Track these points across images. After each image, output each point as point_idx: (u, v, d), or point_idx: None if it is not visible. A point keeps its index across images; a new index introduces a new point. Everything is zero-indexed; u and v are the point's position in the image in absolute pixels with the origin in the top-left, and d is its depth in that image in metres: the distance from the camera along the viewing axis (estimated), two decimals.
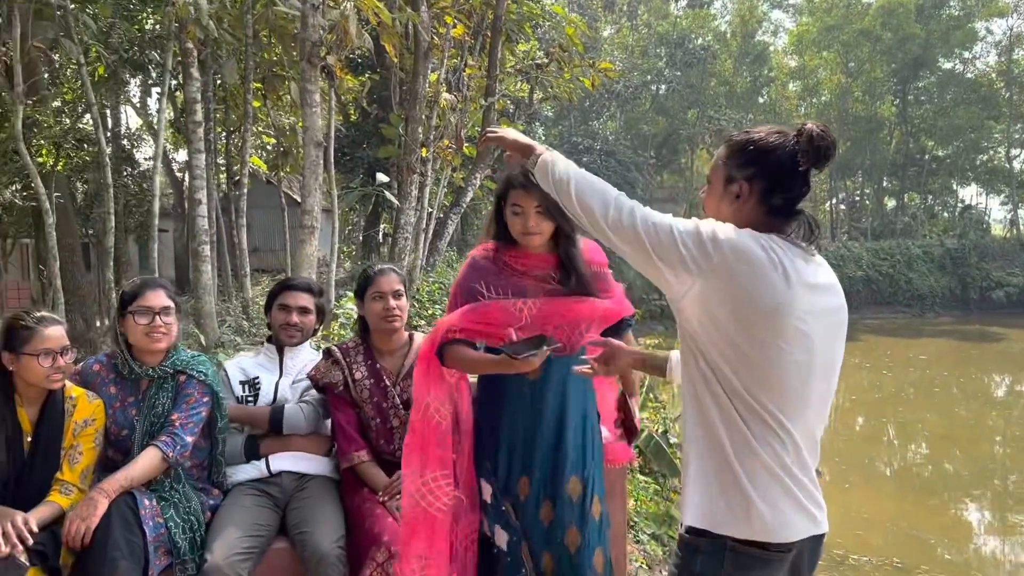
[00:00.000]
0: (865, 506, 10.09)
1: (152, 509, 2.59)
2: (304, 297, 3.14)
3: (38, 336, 2.54)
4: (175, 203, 18.33)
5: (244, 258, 10.98)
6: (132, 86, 15.27)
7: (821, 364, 1.80)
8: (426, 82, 9.81)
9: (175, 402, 2.76)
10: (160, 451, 2.65)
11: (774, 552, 1.77)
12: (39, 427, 2.62)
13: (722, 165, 1.90)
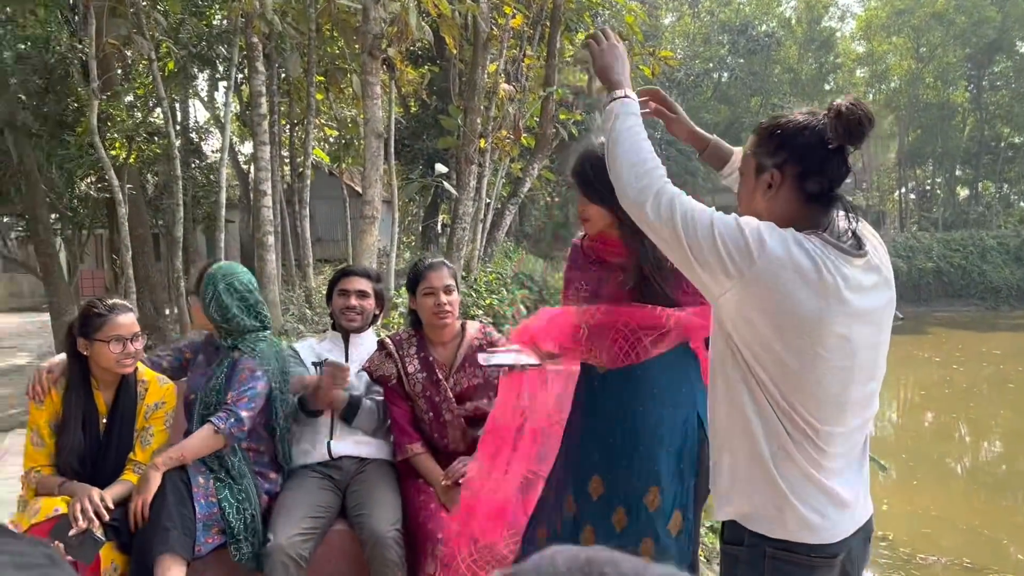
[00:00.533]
0: (934, 504, 9.81)
1: (206, 488, 2.68)
2: (362, 282, 3.20)
3: (110, 323, 2.65)
4: (241, 194, 18.76)
5: (307, 248, 11.20)
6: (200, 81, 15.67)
7: (861, 367, 1.69)
8: (485, 73, 9.84)
9: (230, 378, 2.85)
10: (212, 425, 2.73)
11: (816, 558, 1.67)
12: (113, 410, 2.73)
13: (751, 155, 1.77)
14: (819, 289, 1.60)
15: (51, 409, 2.72)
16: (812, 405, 1.65)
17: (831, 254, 1.63)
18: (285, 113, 13.86)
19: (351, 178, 18.19)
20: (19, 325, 19.38)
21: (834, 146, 1.66)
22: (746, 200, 1.81)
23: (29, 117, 11.18)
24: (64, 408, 2.70)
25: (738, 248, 1.62)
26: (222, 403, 2.81)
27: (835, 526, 1.69)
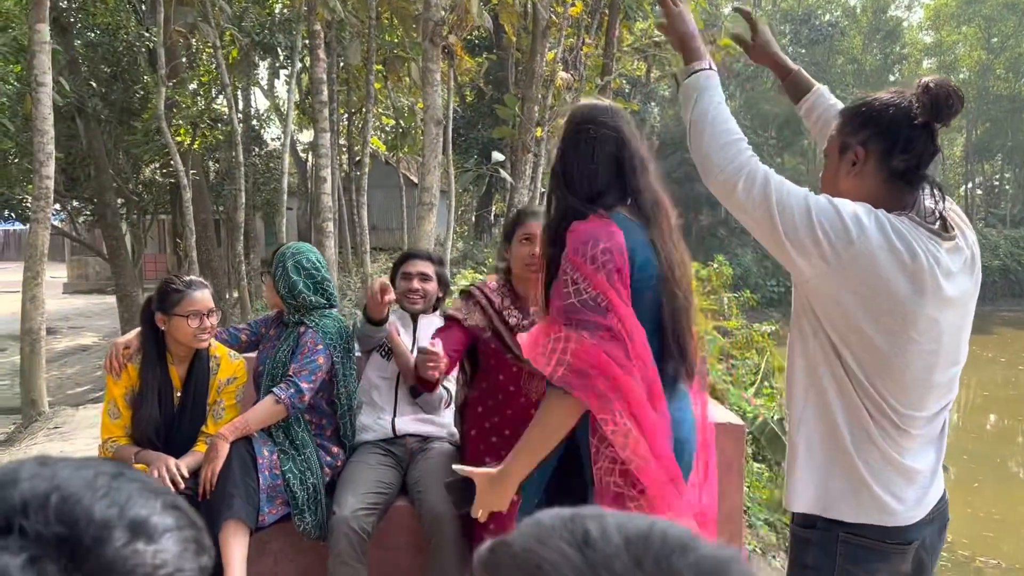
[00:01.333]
0: (996, 507, 9.54)
1: (270, 460, 2.75)
2: (425, 264, 3.22)
3: (187, 299, 2.73)
4: (299, 183, 19.08)
5: (364, 235, 11.33)
6: (261, 69, 15.96)
7: (947, 351, 1.67)
8: (543, 61, 9.81)
9: (293, 351, 2.93)
10: (274, 395, 2.79)
11: (891, 544, 1.65)
12: (187, 384, 2.82)
13: (836, 135, 1.74)
14: (914, 272, 1.57)
15: (127, 382, 2.81)
16: (898, 388, 1.62)
17: (923, 236, 1.60)
18: (343, 102, 14.03)
19: (407, 167, 18.35)
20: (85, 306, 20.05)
21: (921, 123, 1.62)
22: (830, 181, 1.76)
23: (98, 104, 11.53)
24: (141, 381, 2.79)
25: (835, 230, 1.57)
26: (285, 375, 2.87)
27: (909, 509, 1.66)
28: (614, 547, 0.51)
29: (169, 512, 0.54)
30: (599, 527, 0.53)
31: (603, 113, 2.03)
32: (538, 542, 0.52)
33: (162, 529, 0.53)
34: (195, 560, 0.54)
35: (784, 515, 6.04)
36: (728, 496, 2.90)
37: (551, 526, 0.54)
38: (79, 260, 25.62)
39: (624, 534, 0.52)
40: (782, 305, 28.82)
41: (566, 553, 0.51)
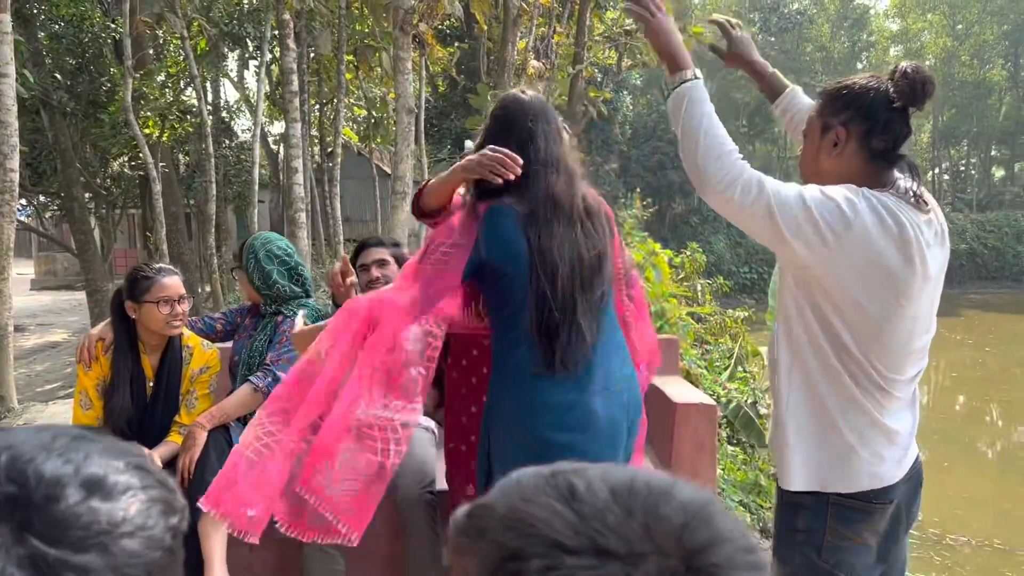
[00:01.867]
0: (965, 486, 9.73)
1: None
2: (378, 251, 3.19)
3: (157, 285, 2.71)
4: (270, 175, 18.92)
5: (338, 226, 11.29)
6: (230, 60, 15.79)
7: (922, 319, 1.80)
8: (514, 49, 9.80)
9: (270, 341, 2.95)
10: (251, 384, 2.81)
11: (876, 503, 1.77)
12: (160, 373, 2.80)
13: (817, 116, 1.82)
14: (903, 244, 1.68)
15: (99, 373, 2.79)
16: (884, 353, 1.75)
17: (907, 210, 1.72)
18: (314, 92, 13.92)
19: (380, 158, 18.27)
20: (54, 302, 19.76)
21: (898, 106, 1.73)
22: (810, 161, 1.85)
23: (64, 96, 11.34)
24: (112, 371, 2.77)
25: (833, 216, 1.67)
26: (262, 363, 2.89)
27: (891, 469, 1.79)
28: (603, 500, 0.52)
29: (133, 472, 0.53)
30: (584, 481, 0.53)
31: (518, 106, 2.12)
32: (523, 500, 0.52)
33: (122, 487, 0.52)
34: (162, 519, 0.53)
35: (759, 496, 6.13)
36: (701, 475, 2.95)
37: (534, 484, 0.54)
38: (47, 256, 25.23)
39: (609, 486, 0.53)
40: (755, 291, 29.10)
41: (556, 509, 0.51)
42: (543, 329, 2.01)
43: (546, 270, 2.01)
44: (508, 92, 2.25)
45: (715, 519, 0.52)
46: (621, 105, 26.51)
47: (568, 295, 2.02)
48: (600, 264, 2.10)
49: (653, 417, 3.54)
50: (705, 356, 9.80)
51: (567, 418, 2.02)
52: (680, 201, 33.60)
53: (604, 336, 2.09)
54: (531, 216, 2.03)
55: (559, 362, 2.00)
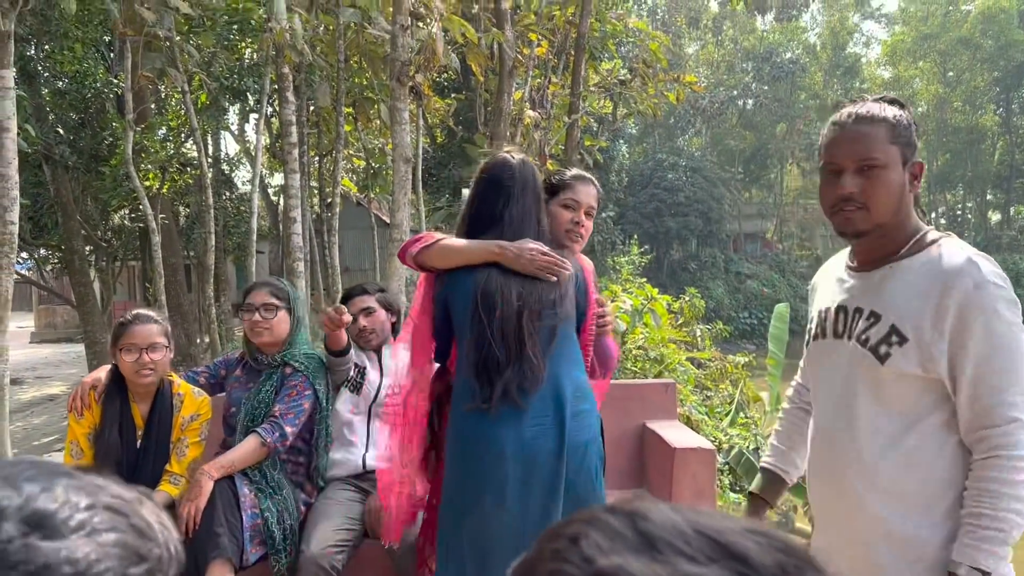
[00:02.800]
0: None
1: (249, 498, 2.71)
2: (362, 300, 3.20)
3: (127, 333, 2.71)
4: (270, 226, 19.04)
5: (336, 276, 11.30)
6: (231, 113, 16.00)
7: None
8: (510, 100, 9.94)
9: (279, 392, 2.91)
10: (259, 437, 2.77)
11: None
12: (150, 422, 2.78)
13: (890, 143, 1.60)
14: None
15: (90, 421, 2.76)
16: None
17: None
18: (314, 144, 14.06)
19: (379, 208, 18.39)
20: (52, 355, 19.71)
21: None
22: (892, 199, 1.61)
23: (66, 150, 11.47)
24: (102, 418, 2.75)
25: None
26: (269, 415, 2.85)
27: None
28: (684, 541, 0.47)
29: (100, 512, 0.50)
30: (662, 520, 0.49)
31: (505, 170, 2.30)
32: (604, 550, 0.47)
33: (74, 526, 0.48)
34: (121, 565, 0.49)
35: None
36: None
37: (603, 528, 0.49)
38: (47, 309, 25.25)
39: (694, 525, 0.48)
40: (755, 336, 29.05)
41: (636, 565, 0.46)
42: (482, 365, 2.12)
43: (486, 307, 2.14)
44: (497, 155, 2.39)
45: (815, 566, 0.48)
46: (617, 153, 26.80)
47: (514, 330, 2.12)
48: (553, 305, 2.18)
49: (652, 462, 3.51)
50: (706, 402, 9.75)
51: (488, 452, 2.10)
52: (678, 247, 33.76)
53: (554, 371, 2.17)
54: (490, 263, 2.19)
55: (497, 397, 2.10)
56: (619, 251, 26.05)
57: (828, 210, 1.66)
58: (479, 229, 2.27)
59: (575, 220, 2.52)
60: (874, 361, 1.60)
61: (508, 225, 2.24)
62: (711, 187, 32.15)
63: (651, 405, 3.72)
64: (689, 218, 31.34)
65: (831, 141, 1.65)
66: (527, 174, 2.31)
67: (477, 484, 2.10)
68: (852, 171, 1.60)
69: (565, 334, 2.23)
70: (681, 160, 32.91)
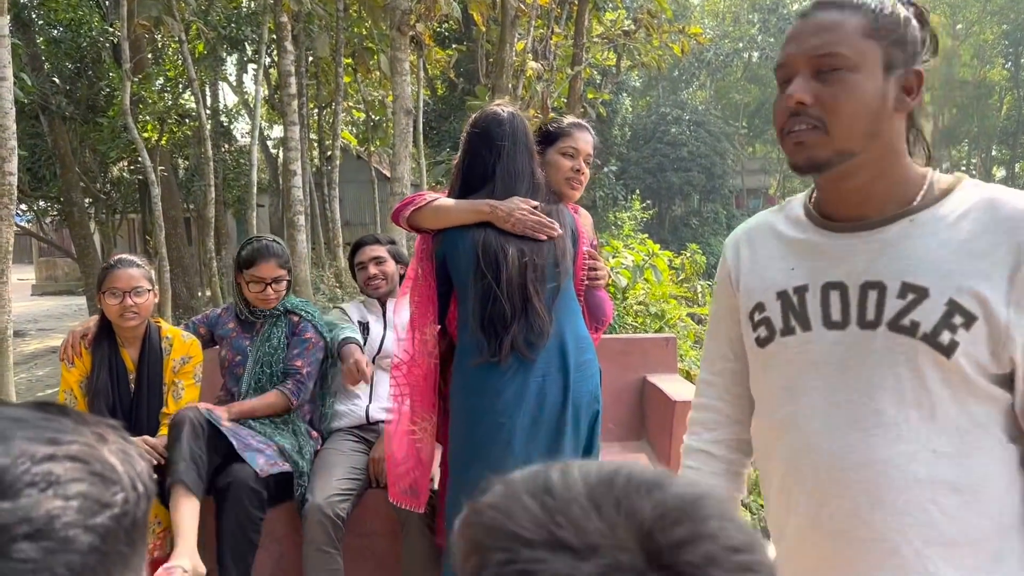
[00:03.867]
0: None
1: (260, 429, 2.80)
2: (375, 249, 3.21)
3: (110, 276, 2.72)
4: (270, 179, 18.93)
5: (337, 229, 11.28)
6: (229, 64, 15.79)
7: None
8: (513, 51, 9.79)
9: (291, 341, 2.97)
10: (285, 396, 2.89)
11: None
12: (140, 365, 2.80)
13: (870, 37, 1.13)
14: None
15: (81, 369, 2.79)
16: None
17: None
18: (313, 96, 13.91)
19: (379, 161, 18.26)
20: (54, 307, 19.75)
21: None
22: (859, 112, 1.13)
23: (62, 101, 11.33)
24: (92, 364, 2.78)
25: None
26: (286, 366, 2.93)
27: None
28: (575, 493, 0.50)
29: (58, 463, 0.49)
30: (562, 475, 0.52)
31: (494, 123, 2.28)
32: (504, 497, 0.52)
33: (29, 481, 0.47)
34: (81, 517, 0.48)
35: (759, 496, 6.10)
36: None
37: (518, 479, 0.53)
38: (47, 261, 25.23)
39: (587, 479, 0.51)
40: None
41: (526, 504, 0.50)
42: (487, 320, 2.16)
43: (489, 264, 2.17)
44: (487, 108, 2.37)
45: (700, 515, 0.49)
46: (620, 107, 26.50)
47: (519, 286, 2.16)
48: (556, 258, 2.22)
49: (652, 415, 3.53)
50: None
51: (497, 402, 2.15)
52: (680, 203, 33.59)
53: (559, 325, 2.22)
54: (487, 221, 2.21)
55: (507, 350, 2.14)
56: (621, 206, 25.95)
57: (779, 133, 1.20)
58: (472, 186, 2.29)
59: (575, 168, 2.52)
60: (935, 356, 1.10)
61: (500, 181, 2.26)
62: (715, 142, 31.86)
63: (651, 359, 3.73)
64: (692, 173, 31.10)
65: (788, 37, 1.19)
66: (518, 127, 2.30)
67: (486, 434, 2.15)
68: (807, 73, 1.14)
69: (565, 289, 2.28)
70: (685, 114, 32.54)
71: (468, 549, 0.51)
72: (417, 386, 2.35)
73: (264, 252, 2.94)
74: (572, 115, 2.61)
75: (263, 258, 2.93)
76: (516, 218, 2.19)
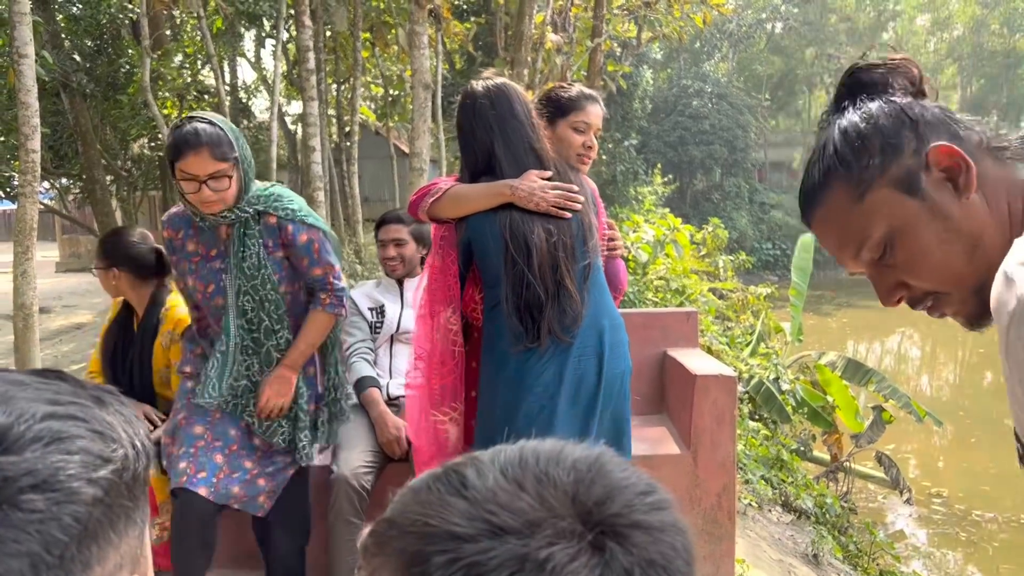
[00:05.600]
0: (992, 463, 9.62)
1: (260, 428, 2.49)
2: (395, 228, 3.15)
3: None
4: (288, 155, 18.95)
5: (356, 205, 11.29)
6: (247, 39, 15.76)
7: None
8: (532, 23, 9.69)
9: (288, 253, 2.37)
10: (329, 314, 2.43)
11: None
12: (139, 330, 2.83)
13: (863, 189, 0.94)
14: None
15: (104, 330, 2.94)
16: None
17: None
18: (331, 71, 13.87)
19: (398, 137, 18.22)
20: (78, 284, 19.97)
21: None
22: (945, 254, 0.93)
23: (83, 78, 11.37)
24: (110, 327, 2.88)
25: None
26: (319, 282, 2.40)
27: None
28: (492, 480, 0.51)
29: (59, 420, 0.51)
30: (473, 468, 0.53)
31: (482, 98, 2.20)
32: (419, 504, 0.52)
33: (31, 438, 0.49)
34: (86, 471, 0.50)
35: (781, 471, 6.09)
36: (721, 445, 2.92)
37: (426, 486, 0.54)
38: (70, 239, 25.48)
39: (499, 465, 0.53)
40: (778, 268, 28.87)
41: (448, 501, 0.51)
42: (522, 305, 2.12)
43: (519, 249, 2.12)
44: (470, 83, 2.28)
45: (607, 471, 0.53)
46: (641, 80, 26.20)
47: (550, 268, 2.12)
48: (584, 235, 2.18)
49: (672, 389, 3.51)
50: (727, 332, 9.73)
51: (537, 386, 2.13)
52: (701, 177, 33.30)
53: (593, 305, 2.19)
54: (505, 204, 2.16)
55: (544, 334, 2.12)
56: (641, 181, 25.75)
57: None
58: (479, 170, 2.24)
59: (587, 144, 2.44)
60: None
61: (504, 159, 2.20)
62: (737, 114, 31.47)
63: (673, 333, 3.71)
64: (714, 147, 30.78)
65: (822, 247, 1.06)
66: (503, 98, 2.21)
67: (526, 417, 2.12)
68: (875, 274, 0.99)
69: (596, 266, 2.25)
70: (707, 86, 32.14)
71: (399, 563, 0.50)
72: (442, 376, 2.31)
73: (191, 141, 2.17)
74: (581, 84, 2.53)
75: (191, 149, 2.16)
76: (538, 197, 2.14)
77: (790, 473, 6.19)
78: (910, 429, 9.73)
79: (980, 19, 37.74)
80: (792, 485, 5.95)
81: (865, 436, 7.58)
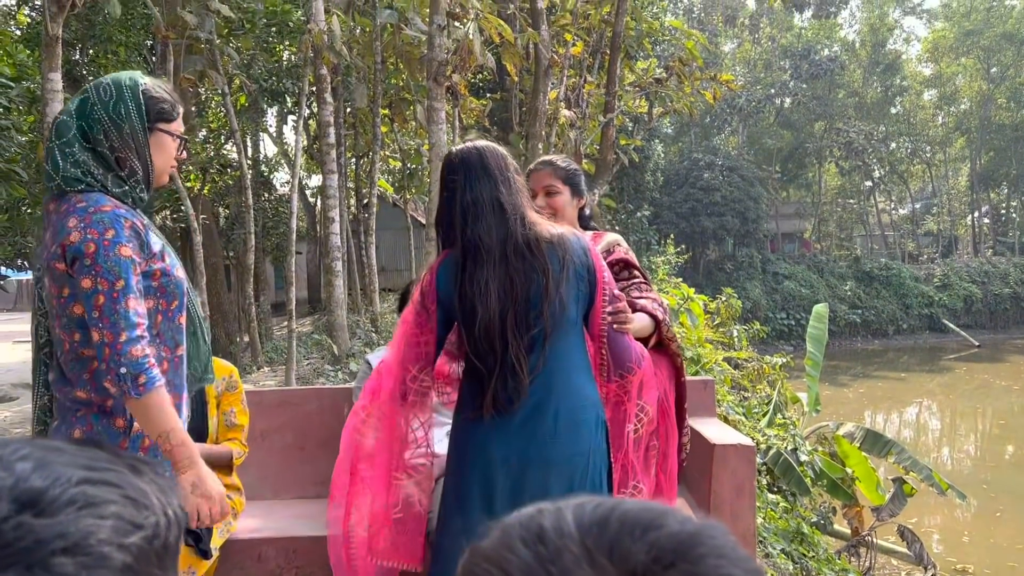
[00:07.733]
0: (1019, 537, 9.39)
1: None
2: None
3: None
4: (308, 227, 19.26)
5: (373, 275, 11.42)
6: (269, 115, 16.22)
7: None
8: (546, 99, 9.95)
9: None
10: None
11: None
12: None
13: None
14: None
15: None
16: None
17: None
18: (351, 145, 14.21)
19: (415, 208, 18.51)
20: None
21: None
22: None
23: None
24: None
25: None
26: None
27: None
28: (567, 539, 0.49)
29: (93, 486, 0.51)
30: (554, 520, 0.51)
31: (447, 162, 2.18)
32: (500, 544, 0.51)
33: (66, 501, 0.49)
34: (117, 536, 0.50)
35: (801, 545, 5.97)
36: (741, 517, 2.89)
37: (514, 524, 0.53)
38: None
39: (581, 523, 0.51)
40: (792, 337, 28.70)
41: (519, 551, 0.49)
42: (474, 372, 2.04)
43: (465, 316, 2.03)
44: (452, 149, 2.25)
45: (697, 556, 0.49)
46: (653, 153, 26.65)
47: (497, 336, 2.00)
48: (541, 298, 2.02)
49: (690, 459, 3.49)
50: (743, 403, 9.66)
51: (479, 460, 2.04)
52: (714, 247, 33.48)
53: (547, 376, 2.03)
54: (461, 263, 2.05)
55: (488, 404, 2.00)
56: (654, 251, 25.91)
57: None
58: (445, 222, 2.14)
59: (540, 206, 2.57)
60: None
61: (460, 216, 2.07)
62: (748, 186, 31.82)
63: (690, 402, 3.70)
64: (726, 218, 31.04)
65: None
66: (471, 158, 2.12)
67: (468, 491, 2.04)
68: None
69: (562, 335, 2.06)
70: (717, 159, 32.60)
71: None
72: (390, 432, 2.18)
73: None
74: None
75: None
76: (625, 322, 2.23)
77: (811, 547, 6.08)
78: (932, 502, 9.54)
79: (987, 94, 38.26)
80: (814, 560, 5.83)
81: (886, 509, 7.43)
